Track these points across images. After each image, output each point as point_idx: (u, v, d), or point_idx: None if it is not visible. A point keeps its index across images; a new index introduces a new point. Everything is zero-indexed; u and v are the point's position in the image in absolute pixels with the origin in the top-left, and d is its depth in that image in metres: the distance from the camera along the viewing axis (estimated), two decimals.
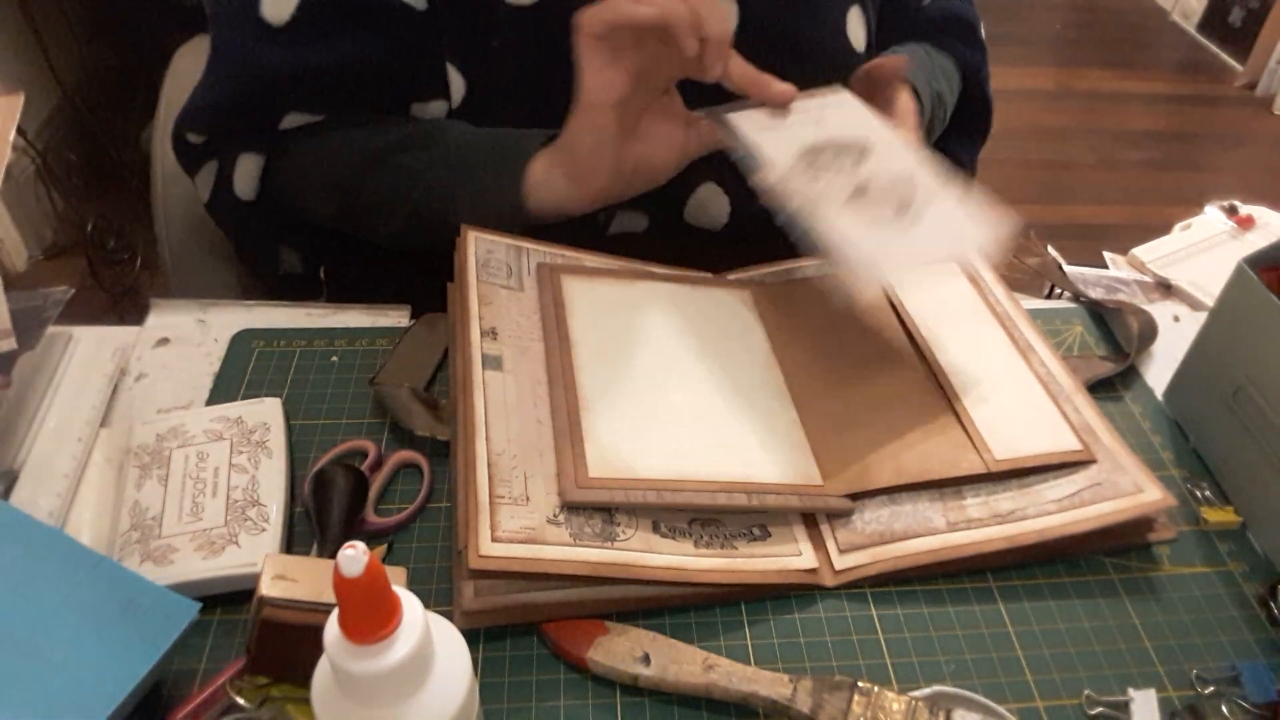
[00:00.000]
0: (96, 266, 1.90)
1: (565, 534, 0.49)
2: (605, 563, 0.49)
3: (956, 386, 0.60)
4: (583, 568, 0.49)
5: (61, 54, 2.01)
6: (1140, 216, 2.35)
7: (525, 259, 0.65)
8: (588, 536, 0.50)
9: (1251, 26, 2.91)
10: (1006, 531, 0.54)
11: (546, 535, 0.49)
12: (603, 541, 0.50)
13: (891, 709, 0.46)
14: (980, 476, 0.56)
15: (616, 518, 0.52)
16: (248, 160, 0.72)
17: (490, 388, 0.55)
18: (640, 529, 0.51)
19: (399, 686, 0.36)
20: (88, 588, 0.46)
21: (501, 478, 0.51)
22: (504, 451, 0.52)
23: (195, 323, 0.70)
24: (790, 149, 0.63)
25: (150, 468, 0.56)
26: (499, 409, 0.54)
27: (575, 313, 0.62)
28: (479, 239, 0.65)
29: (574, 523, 0.50)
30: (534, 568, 0.48)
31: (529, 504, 0.50)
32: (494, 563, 0.47)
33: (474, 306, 0.60)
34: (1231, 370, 0.59)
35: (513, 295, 0.62)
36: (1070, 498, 0.55)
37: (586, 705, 0.49)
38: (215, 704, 0.46)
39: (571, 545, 0.49)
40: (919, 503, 0.56)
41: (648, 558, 0.50)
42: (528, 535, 0.49)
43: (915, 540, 0.54)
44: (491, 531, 0.48)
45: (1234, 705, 0.50)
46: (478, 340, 0.58)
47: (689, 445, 0.56)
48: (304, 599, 0.44)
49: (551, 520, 0.50)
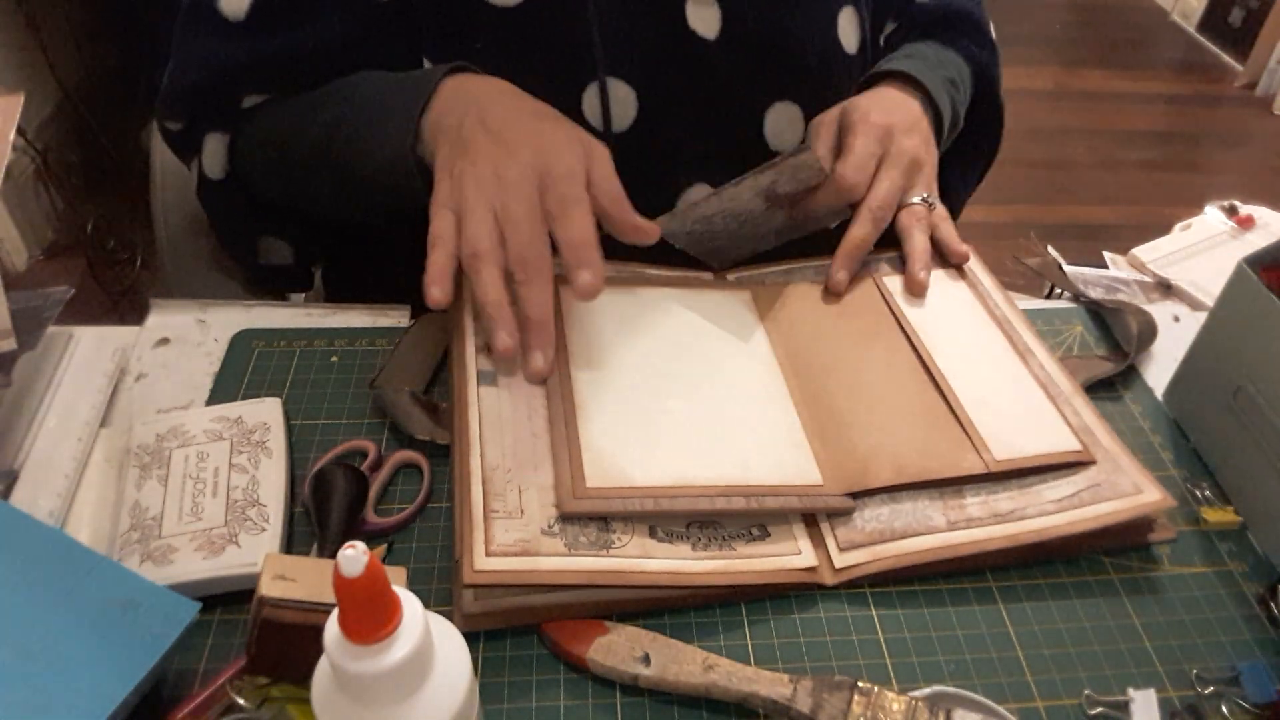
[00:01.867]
0: (96, 266, 1.90)
1: (560, 544, 0.50)
2: (601, 571, 0.49)
3: (956, 388, 0.60)
4: (578, 577, 0.49)
5: (61, 54, 2.00)
6: (1140, 216, 2.35)
7: None
8: (583, 546, 0.50)
9: (1251, 26, 2.91)
10: (1006, 531, 0.54)
11: (541, 547, 0.49)
12: (598, 550, 0.50)
13: (891, 709, 0.46)
14: (980, 477, 0.56)
15: (612, 525, 0.52)
16: (213, 140, 0.73)
17: (485, 403, 0.56)
18: (636, 535, 0.52)
19: (399, 686, 0.36)
20: (88, 588, 0.46)
21: (496, 492, 0.51)
22: (498, 466, 0.53)
23: (195, 323, 0.70)
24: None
25: (150, 468, 0.56)
26: (493, 423, 0.55)
27: (572, 323, 0.62)
28: None
29: (569, 533, 0.50)
30: (529, 580, 0.48)
31: (523, 516, 0.50)
32: (488, 576, 0.48)
33: (468, 323, 0.60)
34: (1231, 370, 0.59)
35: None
36: (1070, 498, 0.55)
37: (586, 705, 0.49)
38: (215, 704, 0.46)
39: (566, 555, 0.49)
40: (919, 501, 0.56)
41: (644, 563, 0.50)
42: (522, 548, 0.49)
43: (915, 539, 0.54)
44: (486, 546, 0.48)
45: (1234, 705, 0.50)
46: (472, 356, 0.58)
47: (687, 450, 0.56)
48: (304, 599, 0.44)
49: (546, 531, 0.50)
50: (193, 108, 0.72)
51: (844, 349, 0.64)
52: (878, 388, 0.61)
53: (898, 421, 0.59)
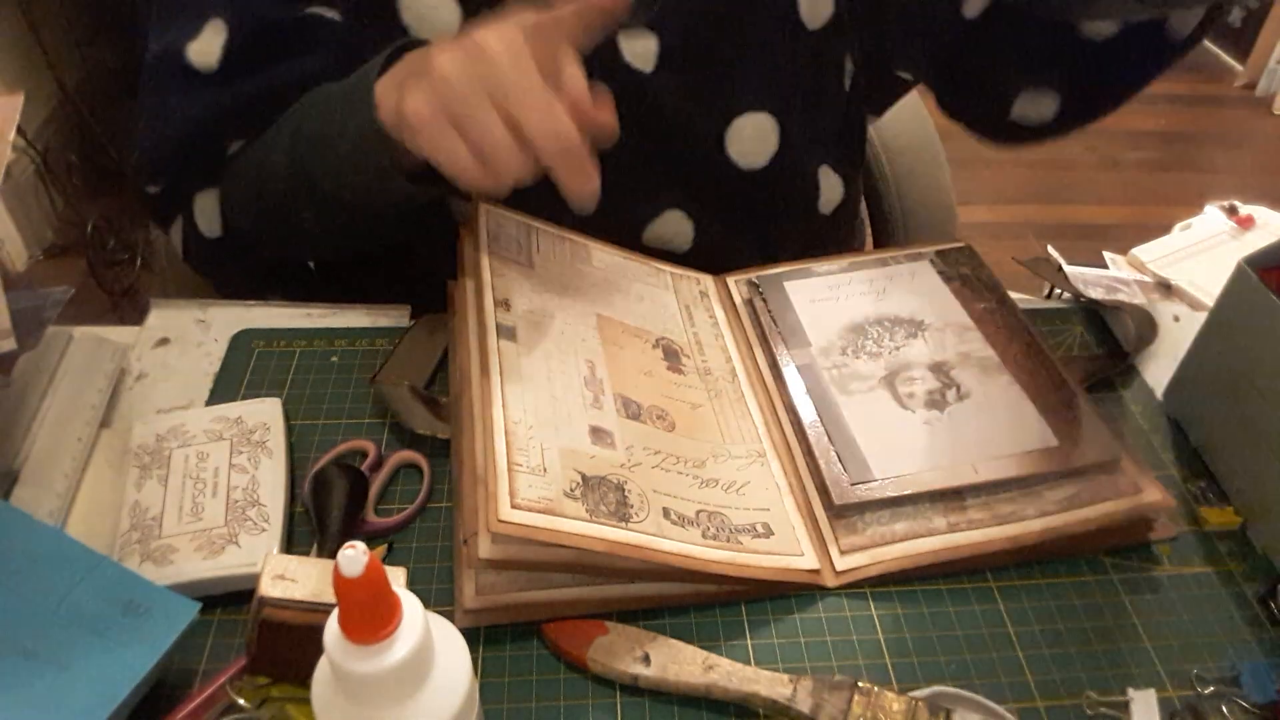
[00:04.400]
0: (96, 266, 1.90)
1: (582, 509, 0.49)
2: (620, 542, 0.48)
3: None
4: (600, 544, 0.48)
5: (61, 54, 2.01)
6: (1140, 216, 2.35)
7: (535, 237, 0.65)
8: (603, 514, 0.49)
9: (1251, 26, 2.90)
10: (1007, 532, 0.54)
11: (564, 508, 0.48)
12: (617, 520, 0.49)
13: (891, 709, 0.46)
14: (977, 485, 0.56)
15: (629, 499, 0.51)
16: (205, 198, 0.71)
17: (505, 357, 0.55)
18: (652, 513, 0.51)
19: (399, 686, 0.36)
20: (88, 588, 0.46)
21: (519, 446, 0.50)
22: (520, 420, 0.52)
23: (195, 323, 0.70)
24: (838, 323, 0.65)
25: (150, 468, 0.56)
26: (514, 378, 0.54)
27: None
28: (490, 212, 0.65)
29: (590, 499, 0.50)
30: (553, 539, 0.47)
31: (546, 475, 0.50)
32: (514, 529, 0.46)
33: (488, 276, 0.59)
34: (1231, 370, 0.59)
35: (523, 270, 0.62)
36: (1070, 498, 0.55)
37: (586, 705, 0.49)
38: (215, 704, 0.46)
39: (588, 521, 0.48)
40: (920, 504, 0.56)
41: (660, 542, 0.50)
42: (546, 505, 0.48)
43: (916, 541, 0.54)
44: (511, 498, 0.47)
45: (1234, 705, 0.50)
46: (492, 309, 0.57)
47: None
48: (304, 599, 0.44)
49: (569, 494, 0.49)
50: (178, 165, 0.69)
51: None
52: None
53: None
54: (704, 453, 0.57)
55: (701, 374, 0.63)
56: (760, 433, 0.61)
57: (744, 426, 0.60)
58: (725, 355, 0.65)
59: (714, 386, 0.62)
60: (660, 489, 0.53)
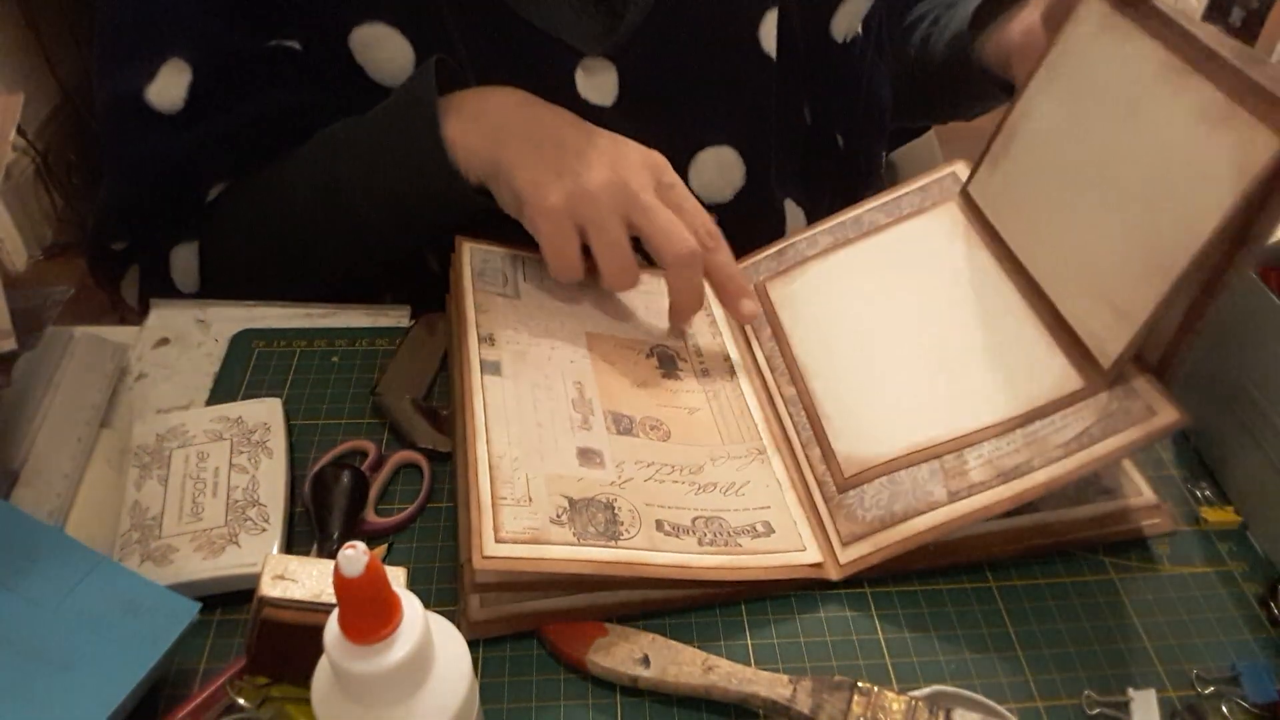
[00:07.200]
0: None
1: (569, 534, 0.49)
2: (610, 562, 0.49)
3: None
4: (588, 567, 0.48)
5: (61, 54, 2.00)
6: None
7: (521, 267, 0.65)
8: (591, 535, 0.50)
9: (1251, 26, 2.91)
10: (1012, 490, 0.51)
11: (550, 535, 0.49)
12: (607, 540, 0.50)
13: (891, 709, 0.46)
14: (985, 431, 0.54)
15: (619, 516, 0.52)
16: (183, 251, 0.70)
17: (489, 392, 0.55)
18: (644, 528, 0.51)
19: (399, 686, 0.36)
20: (88, 588, 0.46)
21: (503, 479, 0.51)
22: (504, 454, 0.52)
23: (195, 323, 0.70)
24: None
25: (150, 468, 0.56)
26: (499, 413, 0.54)
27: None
28: (474, 249, 0.65)
29: (577, 522, 0.50)
30: (539, 568, 0.47)
31: (531, 504, 0.50)
32: (498, 563, 0.47)
33: (470, 314, 0.60)
34: (1232, 371, 0.59)
35: (509, 303, 0.62)
36: (1078, 437, 0.51)
37: (586, 706, 0.49)
38: (215, 704, 0.46)
39: (575, 545, 0.49)
40: (918, 474, 0.54)
41: (652, 556, 0.50)
42: (531, 535, 0.48)
43: (917, 519, 0.53)
44: (495, 532, 0.48)
45: (1234, 705, 0.50)
46: (475, 347, 0.58)
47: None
48: (304, 599, 0.44)
49: (555, 520, 0.50)
50: (152, 215, 0.68)
51: None
52: None
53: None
54: (701, 457, 0.57)
55: (699, 377, 0.63)
56: (760, 429, 0.61)
57: (744, 425, 0.60)
58: (724, 354, 0.65)
59: (712, 388, 0.62)
60: (654, 501, 0.53)
